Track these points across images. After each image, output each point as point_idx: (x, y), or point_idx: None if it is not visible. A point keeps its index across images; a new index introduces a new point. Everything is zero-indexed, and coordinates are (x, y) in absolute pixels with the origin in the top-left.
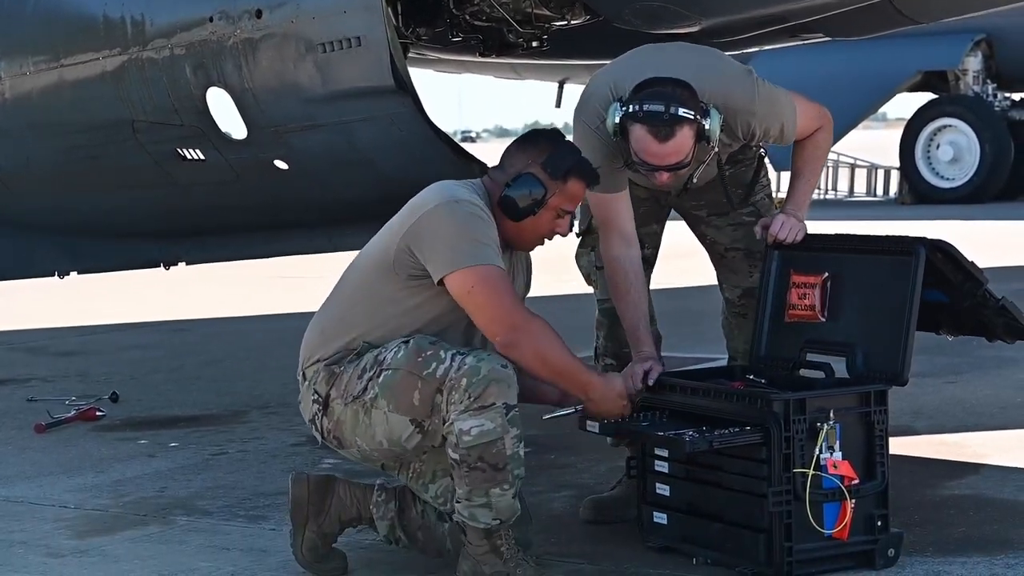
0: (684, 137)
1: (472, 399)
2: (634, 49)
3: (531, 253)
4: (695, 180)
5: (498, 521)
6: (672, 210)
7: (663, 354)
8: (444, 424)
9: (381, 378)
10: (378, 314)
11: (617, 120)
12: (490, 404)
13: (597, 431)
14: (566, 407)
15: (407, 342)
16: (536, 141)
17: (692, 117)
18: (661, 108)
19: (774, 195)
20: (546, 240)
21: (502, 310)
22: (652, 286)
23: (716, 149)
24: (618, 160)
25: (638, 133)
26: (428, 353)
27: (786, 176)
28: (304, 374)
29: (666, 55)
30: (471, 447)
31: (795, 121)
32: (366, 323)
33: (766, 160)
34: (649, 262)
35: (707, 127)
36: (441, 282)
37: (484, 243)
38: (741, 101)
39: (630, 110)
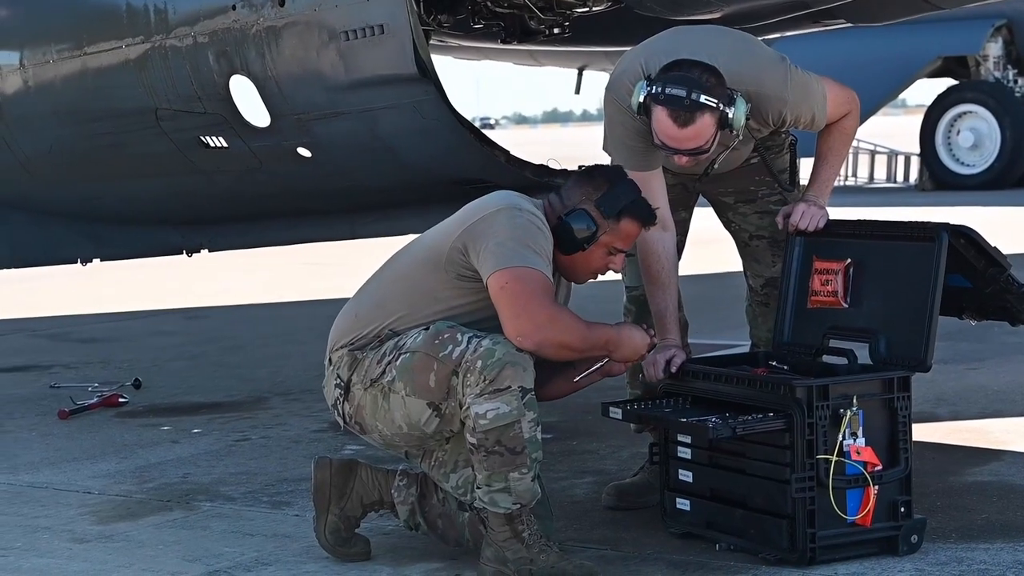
0: (704, 124)
1: (487, 382)
2: (670, 29)
3: None
4: (716, 166)
5: (518, 505)
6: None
7: (689, 340)
8: (461, 408)
9: (399, 361)
10: (416, 307)
11: (641, 99)
12: (506, 387)
13: (620, 417)
14: (593, 366)
15: (427, 327)
16: (594, 177)
17: (714, 105)
18: (683, 93)
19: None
20: (598, 276)
21: (534, 307)
22: (687, 272)
23: (740, 136)
24: (649, 137)
25: (659, 115)
26: (445, 336)
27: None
28: (330, 359)
29: (701, 37)
30: (488, 431)
31: (826, 108)
32: (402, 313)
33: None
34: (677, 249)
35: (730, 115)
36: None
37: (535, 251)
38: (773, 88)
39: (653, 91)
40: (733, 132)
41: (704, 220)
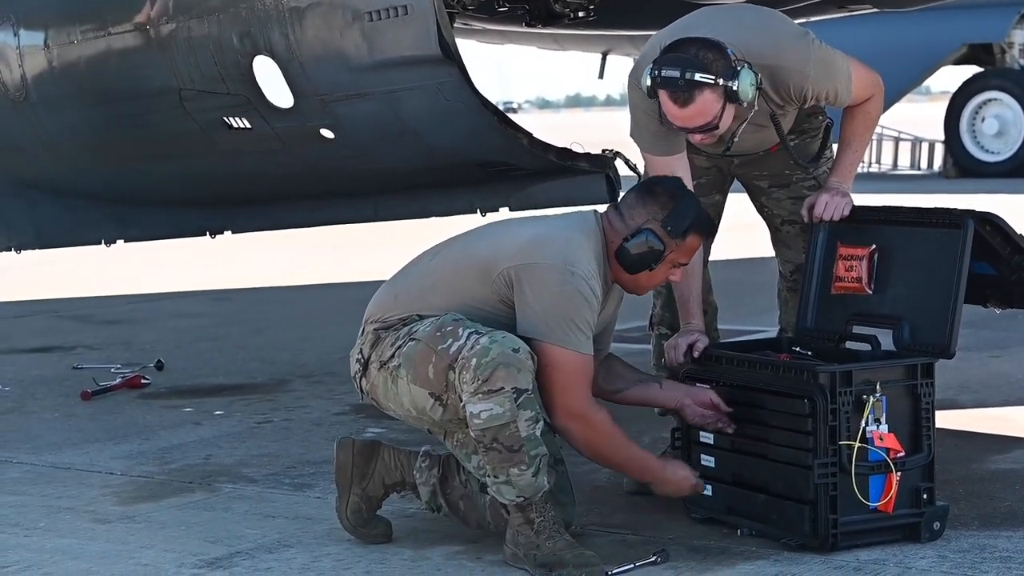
0: (705, 101)
1: (481, 382)
2: (696, 10)
3: None
4: (736, 138)
5: (522, 498)
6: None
7: (720, 326)
8: (460, 402)
9: (405, 348)
10: (454, 307)
11: (648, 83)
12: (498, 389)
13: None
14: (637, 562)
15: (439, 317)
16: (657, 194)
17: (711, 81)
18: (677, 74)
19: None
20: (659, 287)
21: (568, 398)
22: (711, 256)
23: (756, 108)
24: (655, 115)
25: (662, 97)
26: (448, 328)
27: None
28: (363, 330)
29: (722, 15)
30: (484, 429)
31: (850, 87)
32: (439, 309)
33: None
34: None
35: (734, 87)
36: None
37: (579, 326)
38: (794, 62)
39: (653, 74)
40: (744, 104)
41: (741, 204)
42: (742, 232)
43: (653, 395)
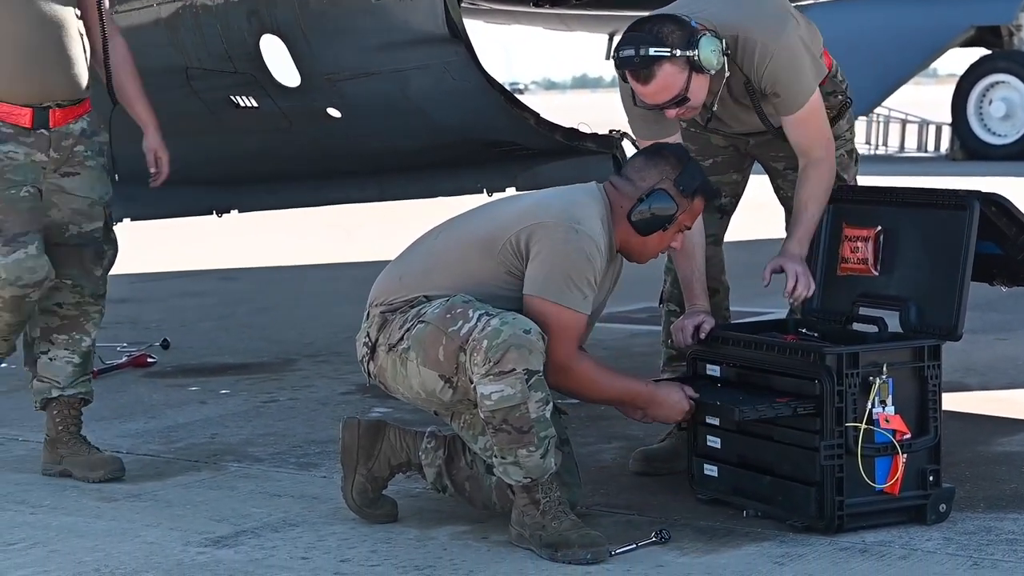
0: (667, 74)
1: (492, 363)
2: None
3: None
4: (714, 107)
5: (529, 479)
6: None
7: (731, 307)
8: (471, 384)
9: (414, 330)
10: (460, 286)
11: (615, 68)
12: (509, 370)
13: None
14: (639, 541)
15: (449, 298)
16: (667, 156)
17: (667, 54)
18: (632, 52)
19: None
20: (660, 254)
21: (554, 352)
22: (727, 237)
23: (728, 74)
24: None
25: (628, 77)
26: (458, 310)
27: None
28: (368, 313)
29: None
30: (494, 411)
31: (800, 100)
32: (444, 288)
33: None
34: (727, 211)
35: (696, 56)
36: None
37: (578, 285)
38: (761, 35)
39: (614, 57)
40: (712, 73)
41: (758, 185)
42: (751, 212)
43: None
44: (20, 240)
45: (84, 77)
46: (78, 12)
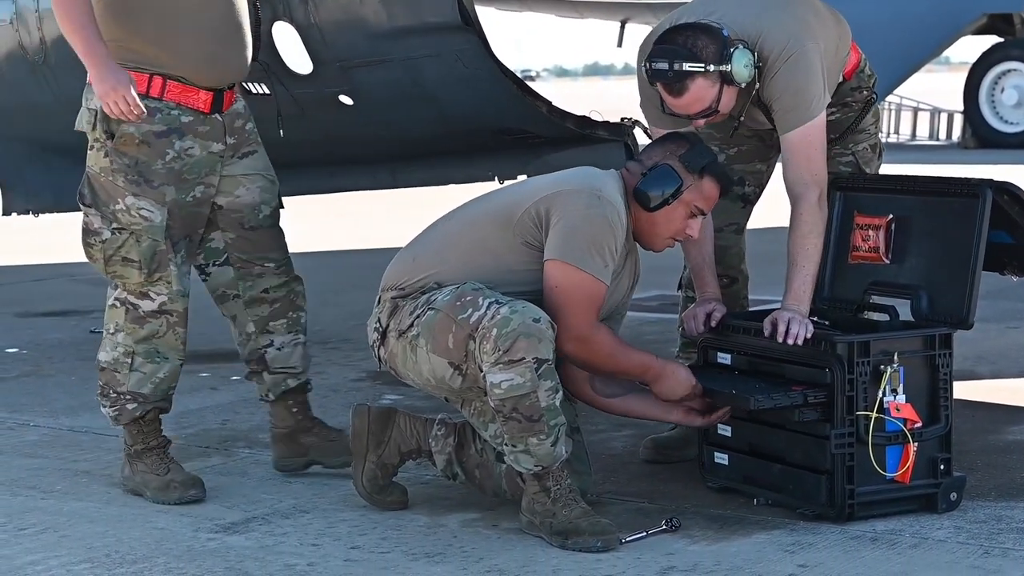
0: (699, 88)
1: (502, 352)
2: None
3: None
4: (743, 118)
5: (541, 467)
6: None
7: (749, 296)
8: (480, 372)
9: (424, 317)
10: (474, 262)
11: (645, 76)
12: (519, 359)
13: None
14: (650, 529)
15: (459, 286)
16: (675, 138)
17: (700, 69)
18: (665, 66)
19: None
20: (676, 241)
21: (573, 320)
22: (750, 225)
23: (758, 86)
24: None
25: (659, 87)
26: (467, 298)
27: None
28: (380, 298)
29: None
30: (504, 399)
31: (799, 118)
32: (458, 265)
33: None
34: (750, 200)
35: (729, 70)
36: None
37: (599, 252)
38: (769, 48)
39: (645, 66)
40: (743, 86)
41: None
42: (771, 200)
43: (647, 408)
44: (179, 245)
45: (250, 59)
46: None
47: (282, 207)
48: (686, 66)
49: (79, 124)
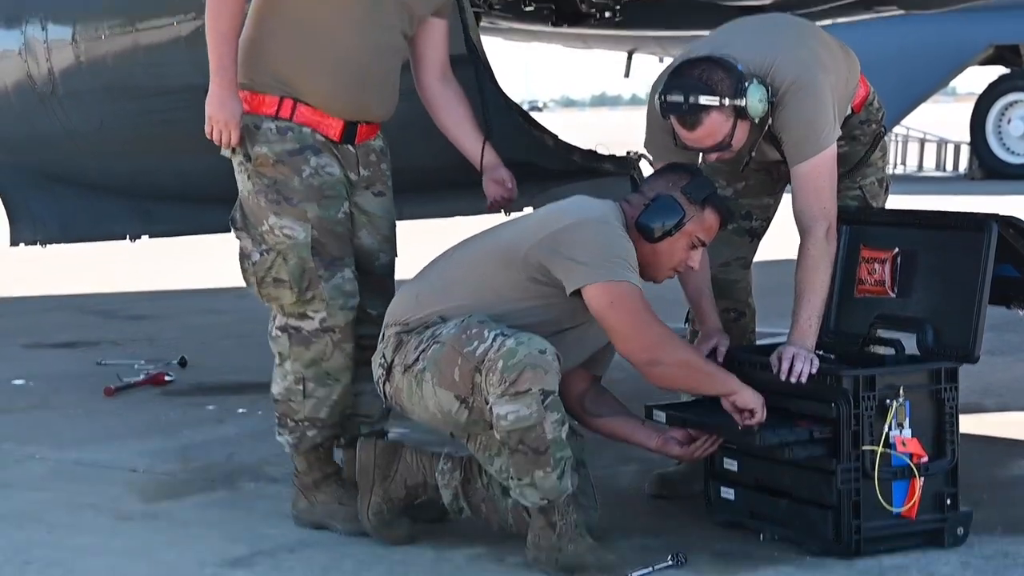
0: (713, 122)
1: (508, 384)
2: (729, 22)
3: None
4: (753, 154)
5: (546, 501)
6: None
7: (757, 328)
8: (486, 404)
9: (430, 351)
10: (480, 300)
11: (658, 108)
12: (525, 390)
13: (664, 422)
14: (656, 565)
15: (464, 319)
16: (676, 169)
17: (716, 103)
18: (680, 99)
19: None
20: (677, 272)
21: (640, 328)
22: (757, 258)
23: (770, 121)
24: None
25: (672, 120)
26: (473, 331)
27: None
28: (384, 334)
29: (747, 28)
30: (510, 431)
31: (807, 150)
32: (462, 303)
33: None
34: (757, 234)
35: (744, 105)
36: (576, 293)
37: (628, 262)
38: (781, 81)
39: (660, 99)
40: (756, 120)
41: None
42: (777, 231)
43: (632, 432)
44: (337, 263)
45: (395, 103)
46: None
47: (396, 255)
48: (702, 99)
49: (222, 149)
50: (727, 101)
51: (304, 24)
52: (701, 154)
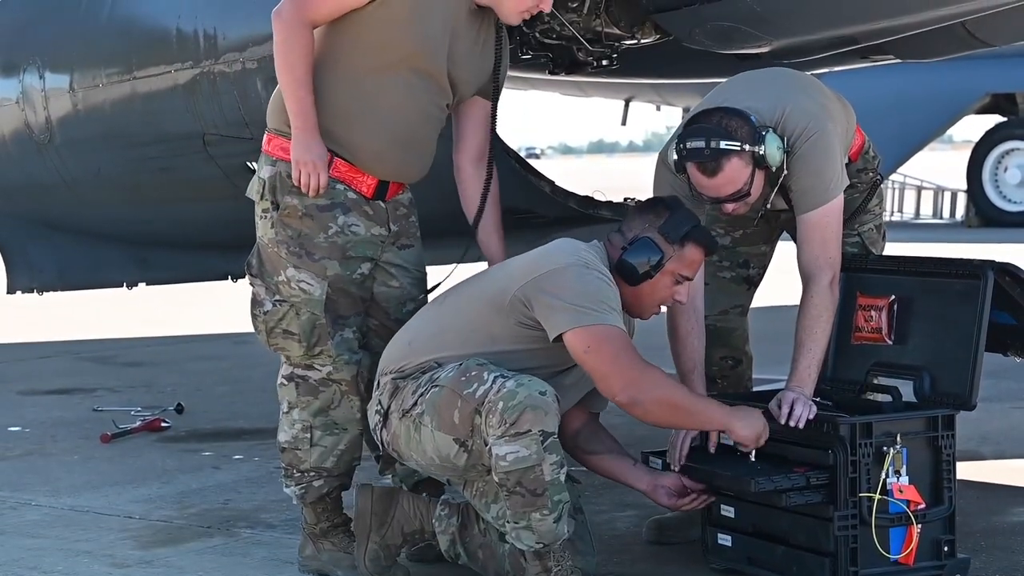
0: (733, 169)
1: (508, 425)
2: (733, 76)
3: None
4: (768, 205)
5: (541, 544)
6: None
7: (754, 375)
8: (486, 446)
9: (428, 395)
10: (471, 345)
11: (675, 157)
12: (525, 431)
13: (660, 468)
14: None
15: (463, 362)
16: (654, 206)
17: (737, 148)
18: (702, 144)
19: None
20: (662, 308)
21: (618, 369)
22: (753, 305)
23: (785, 171)
24: (685, 192)
25: (691, 170)
26: (472, 373)
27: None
28: (378, 382)
29: (752, 81)
30: (508, 472)
31: (816, 200)
32: (456, 349)
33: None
34: (754, 282)
35: (761, 152)
36: (558, 339)
37: (610, 306)
38: (791, 131)
39: (678, 147)
40: (773, 169)
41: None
42: (775, 278)
43: (623, 471)
44: (344, 320)
45: (429, 166)
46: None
47: (426, 302)
48: (723, 144)
49: (249, 192)
50: (747, 147)
51: (360, 83)
52: (714, 206)
